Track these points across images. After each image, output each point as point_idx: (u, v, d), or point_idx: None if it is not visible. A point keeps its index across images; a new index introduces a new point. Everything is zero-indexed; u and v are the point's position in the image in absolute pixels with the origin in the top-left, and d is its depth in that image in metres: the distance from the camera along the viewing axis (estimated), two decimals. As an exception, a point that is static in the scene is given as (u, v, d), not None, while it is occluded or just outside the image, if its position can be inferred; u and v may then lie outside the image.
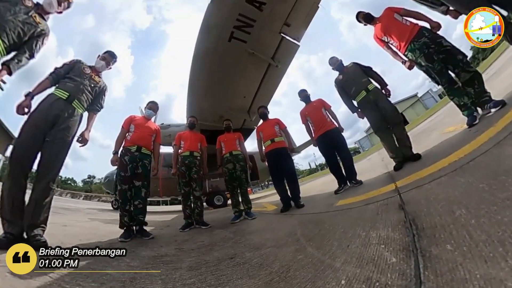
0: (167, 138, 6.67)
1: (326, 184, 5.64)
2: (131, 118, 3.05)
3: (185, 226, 3.21)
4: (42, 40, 2.07)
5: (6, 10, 1.77)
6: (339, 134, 3.39)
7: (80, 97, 2.18)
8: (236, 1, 3.61)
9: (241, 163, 3.57)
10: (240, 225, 3.02)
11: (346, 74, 3.32)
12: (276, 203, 4.54)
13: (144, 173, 2.81)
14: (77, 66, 2.31)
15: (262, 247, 1.70)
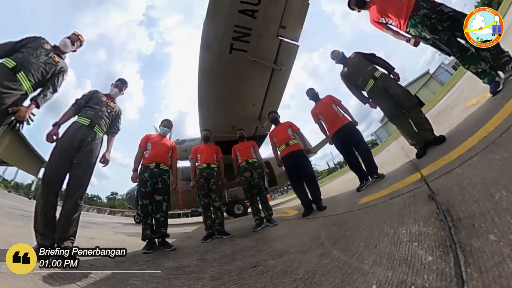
0: (183, 153, 6.84)
1: (347, 182, 5.39)
2: (147, 137, 3.17)
3: (206, 236, 3.21)
4: (62, 76, 2.31)
5: (29, 55, 2.00)
6: (354, 128, 3.23)
7: (99, 122, 2.39)
8: (229, 14, 3.69)
9: (258, 171, 3.53)
10: (262, 232, 2.95)
11: (351, 65, 3.20)
12: (297, 207, 4.41)
13: (164, 187, 2.91)
14: (95, 95, 2.55)
15: (286, 254, 1.63)
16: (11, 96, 1.84)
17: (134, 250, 2.61)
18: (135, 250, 2.63)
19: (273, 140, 3.63)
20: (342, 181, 7.09)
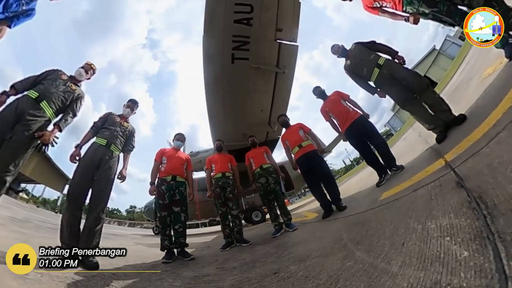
0: (198, 164, 6.93)
1: (365, 178, 5.14)
2: (162, 151, 3.25)
3: (225, 245, 3.18)
4: (80, 102, 2.51)
5: (49, 85, 2.23)
6: (366, 121, 3.09)
7: (115, 141, 2.54)
8: (226, 25, 3.76)
9: (273, 176, 3.47)
10: (281, 238, 2.86)
11: (353, 57, 3.08)
12: (317, 210, 4.25)
13: (181, 199, 2.96)
14: (109, 117, 2.72)
15: (307, 259, 1.56)
16: (36, 122, 2.05)
17: (153, 260, 2.64)
18: (155, 260, 2.66)
19: (286, 144, 3.56)
20: (361, 178, 6.77)
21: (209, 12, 3.66)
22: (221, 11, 3.65)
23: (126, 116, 2.87)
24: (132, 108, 2.93)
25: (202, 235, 8.04)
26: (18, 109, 1.97)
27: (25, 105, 2.01)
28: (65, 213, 2.10)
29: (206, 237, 6.43)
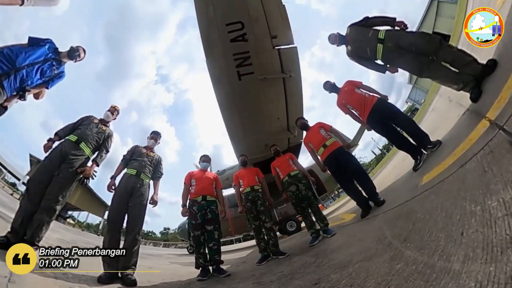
0: (226, 182, 6.98)
1: (399, 165, 4.56)
2: (190, 174, 3.33)
3: (261, 259, 3.03)
4: (110, 139, 2.80)
5: (85, 129, 2.58)
6: (386, 103, 2.81)
7: (144, 170, 2.73)
8: (224, 47, 3.88)
9: (303, 182, 3.30)
10: (320, 246, 2.63)
11: (352, 41, 2.89)
12: (354, 209, 3.89)
13: (213, 217, 2.97)
14: (136, 149, 2.94)
15: (349, 264, 1.38)
16: (78, 160, 2.37)
17: (188, 278, 2.64)
18: (190, 278, 2.65)
19: (310, 146, 3.40)
20: (394, 166, 6.03)
21: (205, 38, 3.85)
22: (216, 35, 3.80)
23: (151, 147, 3.06)
24: (155, 139, 3.12)
25: (237, 251, 7.91)
26: (62, 151, 2.31)
27: (68, 147, 2.35)
28: (106, 235, 2.31)
29: (241, 253, 6.32)
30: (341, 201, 12.17)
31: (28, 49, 2.06)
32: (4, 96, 1.94)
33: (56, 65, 2.33)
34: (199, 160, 3.63)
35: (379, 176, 7.30)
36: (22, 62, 2.00)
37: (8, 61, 1.92)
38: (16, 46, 2.02)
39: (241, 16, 3.67)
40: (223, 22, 3.69)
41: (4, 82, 1.90)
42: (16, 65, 1.96)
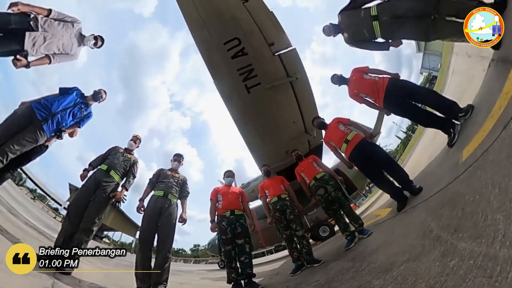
0: (252, 194, 6.87)
1: (430, 144, 4.00)
2: (216, 190, 3.33)
3: (295, 269, 2.86)
4: (136, 166, 2.98)
5: (113, 159, 2.78)
6: (399, 81, 2.58)
7: (171, 191, 2.82)
8: (226, 65, 3.98)
9: (331, 183, 3.11)
10: (357, 248, 2.37)
11: (346, 28, 2.77)
12: (389, 203, 3.50)
13: (243, 231, 2.91)
14: (162, 172, 3.06)
15: (393, 267, 1.18)
16: (109, 186, 2.59)
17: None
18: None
19: (331, 145, 3.21)
20: (425, 146, 5.26)
21: (208, 60, 4.01)
22: (217, 55, 3.93)
23: (175, 169, 3.16)
24: (179, 161, 3.23)
25: (269, 263, 7.67)
26: (96, 179, 2.56)
27: (100, 175, 2.60)
28: (138, 253, 2.44)
29: (274, 264, 6.09)
30: (374, 196, 10.93)
31: (60, 98, 2.42)
32: (45, 137, 2.30)
33: (84, 108, 2.65)
34: (223, 176, 3.62)
35: (410, 161, 6.47)
36: (57, 108, 2.36)
37: (46, 109, 2.29)
38: (50, 97, 2.40)
39: (236, 32, 3.76)
40: (220, 41, 3.81)
41: (44, 126, 2.26)
42: (52, 111, 2.32)
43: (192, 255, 33.76)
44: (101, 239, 16.05)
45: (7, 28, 1.94)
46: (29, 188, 14.42)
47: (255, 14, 3.63)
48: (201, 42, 3.90)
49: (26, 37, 2.03)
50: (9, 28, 1.95)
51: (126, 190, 2.79)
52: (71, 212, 2.41)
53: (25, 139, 2.12)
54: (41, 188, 15.42)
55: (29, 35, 2.04)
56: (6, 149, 2.00)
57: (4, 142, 2.03)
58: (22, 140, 2.10)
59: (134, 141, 3.10)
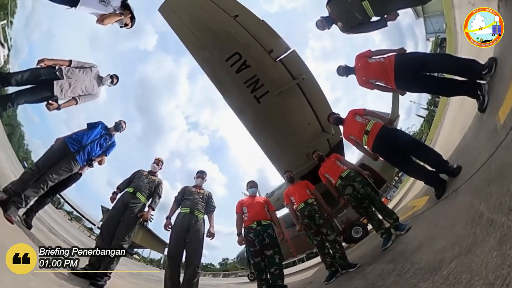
0: (277, 203, 6.61)
1: (459, 113, 3.42)
2: (241, 202, 3.27)
3: (330, 276, 2.64)
4: (160, 186, 3.07)
5: (138, 181, 2.87)
6: (406, 55, 2.39)
7: (197, 207, 2.84)
8: (233, 81, 4.06)
9: (357, 180, 2.87)
10: (396, 247, 2.07)
11: (338, 17, 2.70)
12: (425, 191, 3.06)
13: (271, 241, 2.78)
14: (186, 189, 3.09)
15: (442, 265, 0.99)
16: (137, 207, 2.71)
17: None
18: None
19: (352, 139, 3.00)
20: (453, 117, 4.45)
21: (214, 79, 4.13)
22: (221, 73, 4.05)
23: (200, 185, 3.19)
24: (202, 177, 3.26)
25: (301, 272, 7.24)
26: (124, 201, 2.70)
27: (128, 197, 2.73)
28: (167, 269, 2.51)
29: (306, 273, 5.75)
30: (405, 186, 9.53)
31: (88, 132, 2.72)
32: (78, 166, 2.63)
33: (109, 138, 2.90)
34: (246, 187, 3.58)
35: (439, 139, 5.59)
36: (86, 141, 2.64)
37: (77, 142, 2.60)
38: (80, 131, 2.72)
39: (234, 48, 3.86)
40: (222, 59, 3.92)
41: (77, 157, 2.56)
42: (83, 144, 2.62)
43: (221, 269, 33.57)
44: (131, 255, 17.36)
45: (39, 80, 2.30)
46: (66, 211, 16.03)
47: (248, 26, 3.73)
48: (204, 63, 4.08)
49: (55, 85, 2.36)
50: (40, 80, 2.30)
51: (153, 210, 2.90)
52: (104, 231, 2.61)
53: (61, 169, 2.43)
54: (77, 211, 17.06)
55: (56, 83, 2.37)
56: (46, 178, 2.33)
57: (44, 172, 2.35)
58: (59, 170, 2.42)
59: (156, 163, 3.22)
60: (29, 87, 2.31)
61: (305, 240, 3.36)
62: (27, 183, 2.24)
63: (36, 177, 2.30)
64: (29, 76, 2.25)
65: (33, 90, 2.32)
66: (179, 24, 3.66)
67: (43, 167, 2.37)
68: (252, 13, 3.69)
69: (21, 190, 2.18)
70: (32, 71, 2.28)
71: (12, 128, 13.51)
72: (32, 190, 2.25)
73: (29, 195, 2.24)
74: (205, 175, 3.26)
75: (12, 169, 5.53)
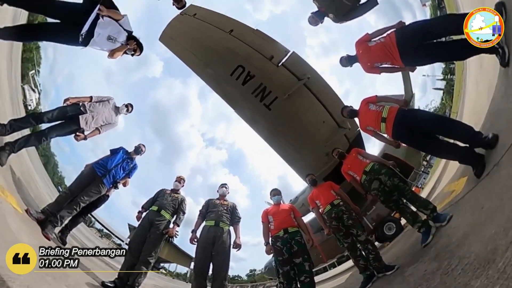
0: (302, 208, 6.33)
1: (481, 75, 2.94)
2: (266, 211, 3.18)
3: (365, 281, 2.40)
4: (184, 203, 3.14)
5: (162, 199, 2.97)
6: (405, 29, 2.23)
7: (222, 219, 2.84)
8: (241, 92, 4.14)
9: (383, 172, 2.62)
10: (437, 242, 1.76)
11: (328, 8, 2.65)
12: (461, 171, 2.64)
13: (300, 249, 2.67)
14: (210, 202, 3.12)
15: (495, 255, 0.82)
16: (162, 224, 2.80)
17: None
18: None
19: (369, 129, 2.80)
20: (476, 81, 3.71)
21: (223, 94, 4.26)
22: (228, 87, 4.16)
23: (223, 195, 3.21)
24: (225, 187, 3.30)
25: (333, 278, 6.81)
26: (149, 219, 2.80)
27: (153, 215, 2.84)
28: (193, 282, 2.59)
29: (339, 279, 5.42)
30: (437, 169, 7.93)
31: (111, 157, 2.98)
32: (106, 189, 2.86)
33: (130, 161, 3.11)
34: (270, 196, 3.45)
35: (466, 108, 4.73)
36: (111, 166, 2.88)
37: (103, 167, 2.85)
38: (105, 157, 2.99)
39: (236, 61, 3.95)
40: (227, 74, 4.03)
41: (104, 180, 2.80)
42: (108, 168, 2.86)
43: (249, 280, 32.60)
44: (158, 270, 18.14)
45: (66, 116, 2.62)
46: (97, 229, 17.03)
47: (244, 38, 3.84)
48: (210, 80, 4.24)
49: (80, 119, 2.66)
50: (67, 116, 2.63)
51: (178, 226, 2.98)
52: (132, 247, 2.74)
53: (91, 192, 2.71)
54: (106, 228, 18.07)
55: (81, 117, 2.66)
56: (78, 200, 2.62)
57: (77, 195, 2.65)
58: (89, 192, 2.70)
59: (178, 181, 3.29)
60: (59, 122, 2.61)
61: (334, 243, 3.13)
62: (62, 204, 2.55)
63: (70, 199, 2.61)
64: (58, 114, 2.57)
65: (62, 125, 2.63)
66: (180, 49, 3.90)
67: (75, 190, 2.69)
68: (246, 25, 3.81)
69: (57, 211, 2.46)
70: (60, 109, 2.60)
71: (47, 158, 15.30)
72: (66, 210, 2.54)
73: (63, 215, 2.52)
74: (227, 187, 3.29)
75: (48, 193, 6.06)
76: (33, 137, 2.50)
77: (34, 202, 2.95)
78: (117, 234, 18.64)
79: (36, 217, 2.28)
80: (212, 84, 4.32)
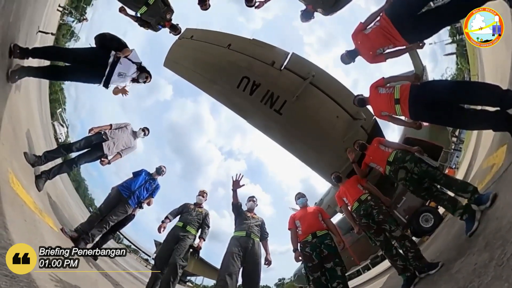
0: (329, 210, 5.97)
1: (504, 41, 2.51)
2: (292, 217, 3.08)
3: (406, 284, 2.13)
4: (208, 217, 3.17)
5: (187, 215, 3.06)
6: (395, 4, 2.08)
7: (252, 231, 2.82)
8: (251, 102, 4.21)
9: (407, 159, 2.38)
10: (485, 228, 1.46)
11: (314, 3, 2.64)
12: (498, 140, 2.29)
13: (330, 252, 2.54)
14: (242, 212, 3.11)
15: None
16: (188, 239, 2.86)
17: None
18: None
19: (384, 115, 2.61)
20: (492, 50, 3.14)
21: (233, 107, 4.36)
22: (237, 99, 4.26)
23: (252, 208, 3.18)
24: (253, 201, 3.27)
25: (368, 282, 6.26)
26: (175, 234, 2.88)
27: (178, 231, 2.91)
28: None
29: (376, 283, 4.98)
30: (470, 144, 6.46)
31: (135, 179, 3.18)
32: (131, 209, 3.03)
33: (152, 182, 3.28)
34: (294, 200, 3.33)
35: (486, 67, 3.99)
36: (134, 187, 3.06)
37: (128, 189, 3.04)
38: (128, 180, 3.17)
39: (240, 73, 4.04)
40: (233, 87, 4.12)
41: (129, 201, 2.97)
42: (132, 190, 3.03)
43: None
44: (184, 283, 18.39)
45: (92, 144, 2.91)
46: (125, 245, 17.67)
47: (243, 50, 3.95)
48: (219, 96, 4.38)
49: (104, 146, 2.92)
50: (93, 144, 2.92)
51: (204, 240, 3.01)
52: (158, 262, 2.86)
53: (119, 212, 2.92)
54: (134, 244, 18.87)
55: (105, 144, 2.93)
56: (107, 219, 2.84)
57: (106, 215, 2.86)
58: (117, 212, 2.90)
59: (201, 195, 3.35)
60: (86, 150, 2.88)
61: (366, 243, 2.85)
62: (93, 224, 2.78)
63: (100, 219, 2.84)
64: (84, 143, 2.85)
65: (89, 153, 2.89)
66: (184, 71, 4.13)
67: (104, 211, 2.92)
68: (242, 37, 3.95)
69: (89, 230, 2.69)
70: (86, 139, 2.90)
71: (78, 183, 17.11)
72: (97, 229, 2.76)
73: (94, 233, 2.75)
74: (255, 199, 3.28)
75: (80, 213, 6.57)
76: (64, 165, 2.77)
77: (68, 222, 3.28)
78: (144, 249, 19.54)
79: (70, 235, 2.50)
80: (221, 99, 4.44)
